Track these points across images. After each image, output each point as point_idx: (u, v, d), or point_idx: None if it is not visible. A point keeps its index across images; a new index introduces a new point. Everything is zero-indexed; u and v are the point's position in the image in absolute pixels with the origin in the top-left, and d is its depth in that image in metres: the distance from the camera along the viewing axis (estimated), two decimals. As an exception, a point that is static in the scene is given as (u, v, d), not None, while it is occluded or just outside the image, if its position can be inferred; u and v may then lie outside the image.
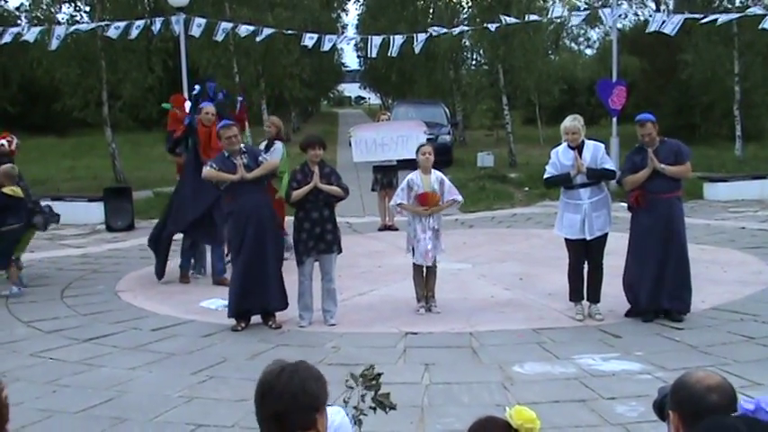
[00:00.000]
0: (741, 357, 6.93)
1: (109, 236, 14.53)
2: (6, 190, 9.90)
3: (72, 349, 7.74)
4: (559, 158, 8.20)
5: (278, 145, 11.06)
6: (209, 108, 10.46)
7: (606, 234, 8.26)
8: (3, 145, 10.93)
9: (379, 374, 3.60)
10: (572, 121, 8.20)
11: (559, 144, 8.35)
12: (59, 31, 17.96)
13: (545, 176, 8.39)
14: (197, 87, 10.72)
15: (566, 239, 8.36)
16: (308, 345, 7.71)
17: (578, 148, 8.13)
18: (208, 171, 8.34)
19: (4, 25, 19.46)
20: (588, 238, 8.14)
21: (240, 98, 12.35)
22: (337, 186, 8.30)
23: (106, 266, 11.81)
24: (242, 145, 8.47)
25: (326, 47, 17.40)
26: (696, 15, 17.86)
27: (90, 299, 9.84)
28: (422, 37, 17.60)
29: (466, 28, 23.25)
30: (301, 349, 7.45)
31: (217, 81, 11.45)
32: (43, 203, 10.98)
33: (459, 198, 8.88)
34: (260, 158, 8.45)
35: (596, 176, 8.20)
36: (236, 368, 7.04)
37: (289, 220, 9.67)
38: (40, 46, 19.25)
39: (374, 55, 18.16)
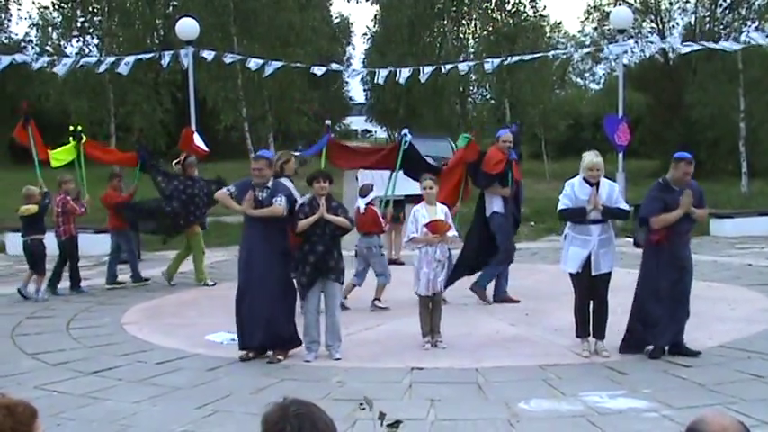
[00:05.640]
0: (748, 396, 6.87)
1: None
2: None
3: (77, 382, 7.72)
4: (575, 192, 8.17)
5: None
6: (506, 137, 10.94)
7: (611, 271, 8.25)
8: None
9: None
10: (596, 158, 8.14)
11: (575, 176, 8.33)
12: (68, 61, 18.17)
13: (560, 208, 8.31)
14: (406, 132, 11.29)
15: (571, 275, 8.34)
16: (313, 379, 7.68)
17: (596, 185, 8.13)
18: (220, 194, 8.57)
19: (10, 53, 19.68)
20: (594, 273, 8.12)
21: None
22: (344, 218, 8.37)
23: (112, 298, 11.82)
24: (271, 181, 8.40)
25: (334, 67, 17.55)
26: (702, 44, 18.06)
27: (96, 331, 9.85)
28: (428, 69, 17.70)
29: (471, 63, 23.37)
30: (306, 384, 7.43)
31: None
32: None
33: (455, 232, 9.09)
34: (274, 199, 8.26)
35: (610, 215, 8.20)
36: (241, 402, 7.00)
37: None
38: (47, 79, 19.42)
39: (381, 82, 18.29)
